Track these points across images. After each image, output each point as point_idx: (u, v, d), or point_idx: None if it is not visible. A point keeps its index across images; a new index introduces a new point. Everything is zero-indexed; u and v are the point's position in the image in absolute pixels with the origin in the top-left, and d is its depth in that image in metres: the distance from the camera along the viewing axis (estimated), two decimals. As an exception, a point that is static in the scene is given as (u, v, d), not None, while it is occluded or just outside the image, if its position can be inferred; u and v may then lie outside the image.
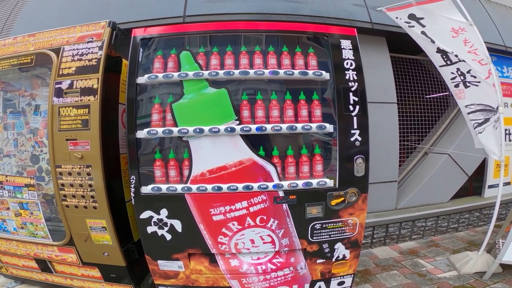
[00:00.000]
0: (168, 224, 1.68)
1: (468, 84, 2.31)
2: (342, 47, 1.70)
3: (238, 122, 1.61)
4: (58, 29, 1.84)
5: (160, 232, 1.69)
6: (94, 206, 1.73)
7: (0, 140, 2.03)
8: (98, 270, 1.91)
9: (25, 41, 1.86)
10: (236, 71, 1.63)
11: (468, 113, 2.38)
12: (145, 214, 1.67)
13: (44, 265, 2.02)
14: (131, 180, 1.63)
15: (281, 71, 1.65)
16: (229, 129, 1.58)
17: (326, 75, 1.69)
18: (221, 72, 1.62)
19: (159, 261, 1.77)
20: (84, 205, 1.74)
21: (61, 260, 1.94)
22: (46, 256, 1.95)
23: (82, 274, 1.97)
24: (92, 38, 1.74)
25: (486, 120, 2.29)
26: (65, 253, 1.90)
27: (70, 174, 1.72)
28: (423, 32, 2.25)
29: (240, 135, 1.61)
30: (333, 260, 1.82)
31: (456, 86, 2.40)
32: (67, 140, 1.69)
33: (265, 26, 1.82)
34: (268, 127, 1.60)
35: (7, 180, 1.93)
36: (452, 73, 2.34)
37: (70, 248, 1.87)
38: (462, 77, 2.30)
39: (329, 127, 1.65)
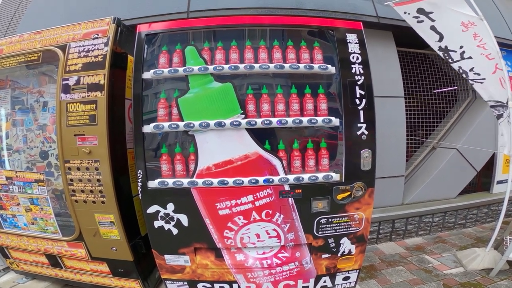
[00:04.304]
0: (175, 219, 1.69)
1: (471, 82, 2.29)
2: (348, 41, 1.68)
3: (243, 116, 1.61)
4: (64, 26, 1.85)
5: (166, 226, 1.71)
6: (102, 201, 1.75)
7: (10, 136, 2.06)
8: (107, 265, 1.94)
9: (31, 39, 1.88)
10: (241, 65, 1.62)
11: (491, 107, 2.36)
12: (152, 209, 1.68)
13: (54, 261, 2.05)
14: (138, 175, 1.65)
15: (287, 65, 1.64)
16: (234, 123, 1.59)
17: (331, 69, 1.68)
18: (226, 66, 1.62)
19: (165, 256, 1.79)
20: (92, 200, 1.76)
21: (71, 255, 1.96)
22: (56, 251, 1.98)
23: (91, 269, 2.00)
24: (98, 35, 1.75)
25: (500, 116, 2.27)
26: (74, 248, 1.93)
27: (78, 169, 1.74)
28: (432, 27, 2.22)
29: (246, 129, 1.61)
30: (339, 255, 1.82)
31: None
32: (75, 135, 1.70)
33: (270, 20, 1.81)
34: (274, 120, 1.60)
35: (17, 176, 1.96)
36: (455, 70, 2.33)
37: (79, 243, 1.89)
38: (464, 75, 2.28)
39: (335, 121, 1.64)
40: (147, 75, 1.64)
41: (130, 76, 1.81)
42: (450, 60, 2.28)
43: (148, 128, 1.62)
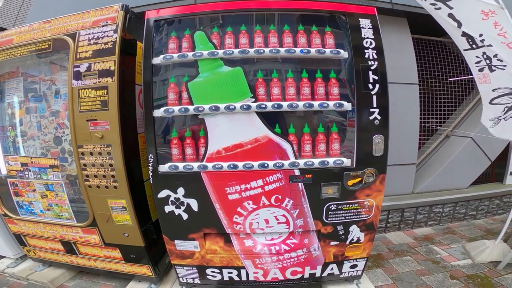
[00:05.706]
0: (185, 203, 1.71)
1: (494, 68, 2.22)
2: (361, 26, 1.64)
3: (253, 99, 1.60)
4: (73, 15, 1.85)
5: (177, 211, 1.73)
6: (114, 186, 1.78)
7: (24, 123, 2.10)
8: (119, 250, 1.98)
9: (41, 28, 1.88)
10: (251, 50, 1.60)
11: (495, 98, 2.27)
12: (162, 193, 1.71)
13: (69, 247, 2.11)
14: (149, 159, 1.66)
15: (297, 49, 1.61)
16: (245, 107, 1.57)
17: (344, 54, 1.64)
18: (236, 50, 1.60)
19: (176, 241, 1.82)
20: (105, 185, 1.79)
21: (85, 241, 2.01)
22: (71, 237, 2.03)
23: (104, 255, 2.05)
24: (107, 22, 1.74)
25: None
26: (88, 234, 1.98)
27: (91, 154, 1.76)
28: (450, 15, 2.14)
29: (256, 112, 1.60)
30: (347, 242, 1.82)
31: (481, 70, 2.31)
32: (87, 120, 1.72)
33: (278, 5, 1.75)
34: (284, 104, 1.58)
35: (32, 162, 2.01)
36: (477, 57, 2.25)
37: (93, 229, 1.94)
38: (488, 61, 2.21)
39: (347, 105, 1.61)
40: (156, 60, 1.64)
41: (140, 62, 1.82)
42: (474, 46, 2.20)
43: (158, 112, 1.62)
